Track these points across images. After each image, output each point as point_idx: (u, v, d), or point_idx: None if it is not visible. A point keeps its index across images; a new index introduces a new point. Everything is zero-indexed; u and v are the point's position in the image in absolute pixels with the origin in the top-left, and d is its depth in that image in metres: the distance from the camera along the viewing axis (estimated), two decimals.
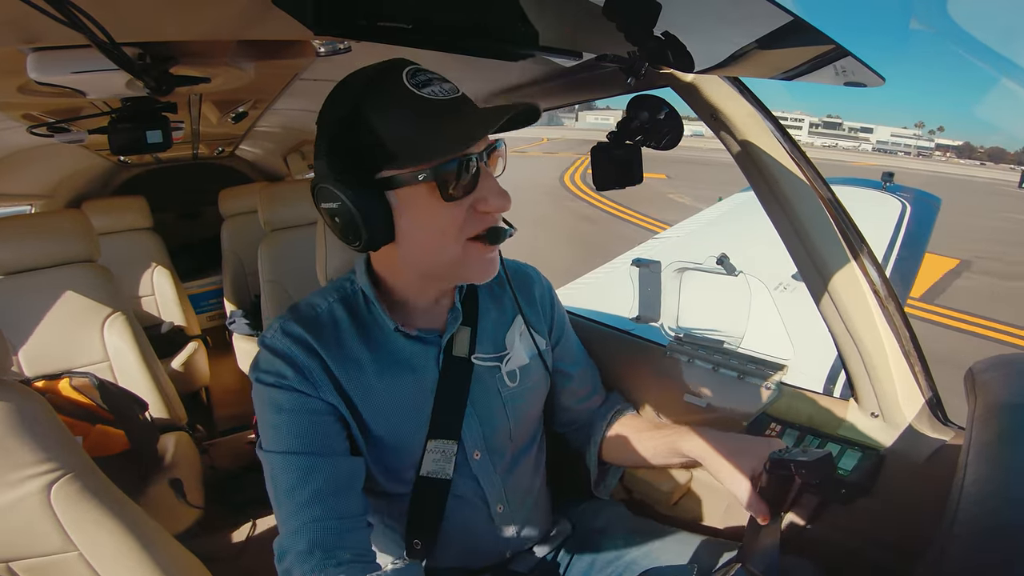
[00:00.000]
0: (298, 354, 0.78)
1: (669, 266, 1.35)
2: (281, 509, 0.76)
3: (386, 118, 0.68)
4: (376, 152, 0.68)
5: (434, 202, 0.69)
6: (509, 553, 0.96)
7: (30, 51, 0.76)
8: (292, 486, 0.75)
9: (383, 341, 0.83)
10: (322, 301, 0.85)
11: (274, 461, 0.77)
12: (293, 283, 2.11)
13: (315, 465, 0.76)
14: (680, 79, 0.88)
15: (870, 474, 0.91)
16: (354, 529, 0.76)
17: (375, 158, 0.69)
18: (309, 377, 0.78)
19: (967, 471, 0.55)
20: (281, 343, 0.79)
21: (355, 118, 0.69)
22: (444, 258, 0.73)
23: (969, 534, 0.46)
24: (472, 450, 0.88)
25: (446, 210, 0.70)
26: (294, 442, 0.76)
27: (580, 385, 1.05)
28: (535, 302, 0.99)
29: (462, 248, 0.72)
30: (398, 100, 0.68)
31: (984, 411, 0.64)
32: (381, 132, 0.68)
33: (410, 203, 0.70)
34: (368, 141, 0.69)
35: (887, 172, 4.49)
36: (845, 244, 0.89)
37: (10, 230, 1.85)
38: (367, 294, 0.83)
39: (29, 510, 0.91)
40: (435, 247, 0.73)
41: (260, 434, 0.80)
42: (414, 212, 0.70)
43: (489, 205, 0.71)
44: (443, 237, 0.71)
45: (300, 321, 0.81)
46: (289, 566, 0.73)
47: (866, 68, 0.59)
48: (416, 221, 0.71)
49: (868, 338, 0.91)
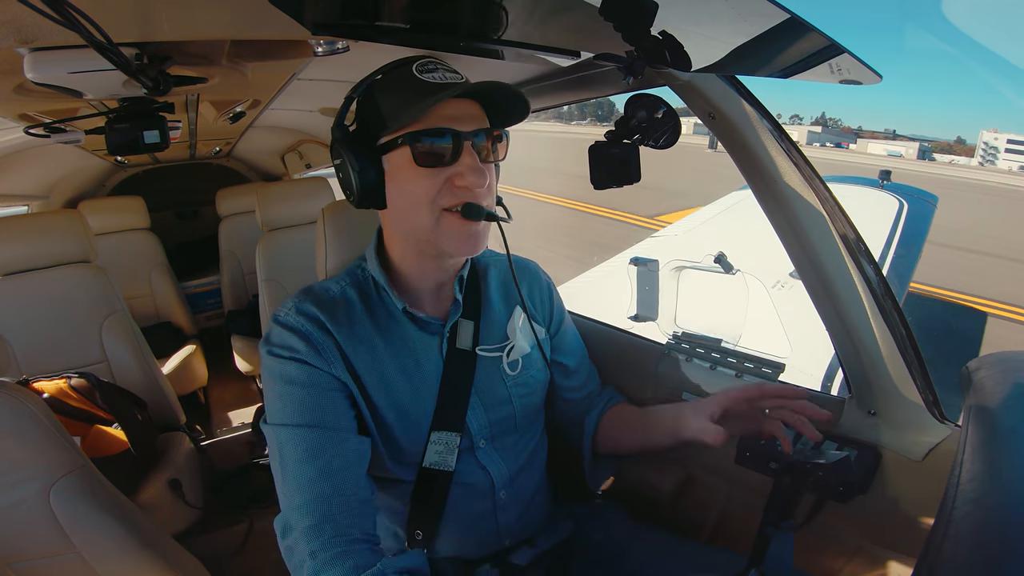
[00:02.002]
0: (311, 330, 0.81)
1: (667, 265, 1.36)
2: (287, 484, 0.75)
3: (387, 95, 0.78)
4: (376, 122, 0.79)
5: (411, 169, 0.76)
6: (508, 542, 0.96)
7: (27, 51, 0.76)
8: (300, 460, 0.75)
9: (392, 325, 0.87)
10: (335, 285, 0.89)
11: (281, 435, 0.77)
12: (291, 282, 2.11)
13: (324, 440, 0.76)
14: (678, 78, 0.88)
15: (867, 472, 0.91)
16: (361, 513, 0.75)
17: (375, 127, 0.79)
18: (322, 352, 0.80)
19: (962, 469, 0.55)
20: (295, 320, 0.82)
21: (366, 96, 0.81)
22: (420, 223, 0.79)
23: (964, 532, 0.46)
24: (478, 439, 0.91)
25: (421, 177, 0.76)
26: (304, 415, 0.77)
27: (577, 378, 1.07)
28: (535, 295, 1.02)
29: (436, 217, 0.78)
30: (402, 81, 0.78)
31: (979, 409, 0.65)
32: (382, 106, 0.78)
33: (394, 169, 0.78)
34: (371, 113, 0.80)
35: (884, 170, 4.49)
36: (842, 242, 0.89)
37: (7, 231, 1.84)
38: (377, 279, 0.88)
39: (28, 510, 0.91)
40: (412, 212, 0.79)
41: (267, 408, 0.81)
42: (396, 177, 0.78)
43: (464, 180, 0.76)
44: (417, 203, 0.77)
45: (314, 301, 0.85)
46: (294, 542, 0.73)
47: (863, 65, 0.59)
48: (397, 185, 0.79)
49: (865, 336, 0.91)
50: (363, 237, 1.10)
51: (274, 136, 2.90)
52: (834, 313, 0.92)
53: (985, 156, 71.56)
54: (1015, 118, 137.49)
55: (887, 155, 57.55)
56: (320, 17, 0.67)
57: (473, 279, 0.96)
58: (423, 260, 0.85)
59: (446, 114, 0.75)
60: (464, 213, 0.77)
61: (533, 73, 1.15)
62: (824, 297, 0.92)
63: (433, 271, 0.87)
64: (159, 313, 2.98)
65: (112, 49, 0.63)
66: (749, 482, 1.05)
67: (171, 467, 1.72)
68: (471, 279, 0.95)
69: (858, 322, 0.91)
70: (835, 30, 0.52)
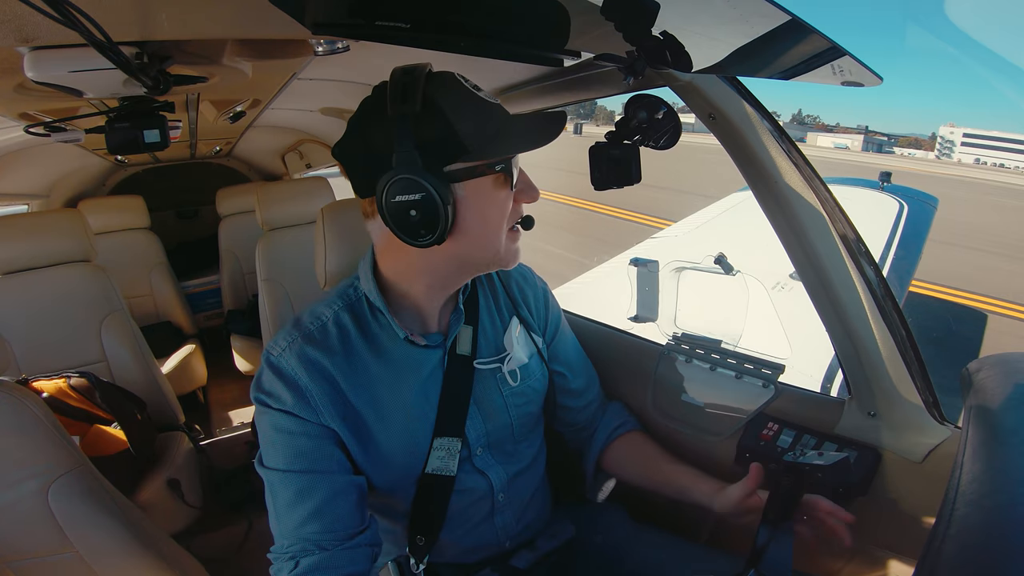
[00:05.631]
0: (301, 376, 0.78)
1: (667, 265, 1.35)
2: (279, 523, 0.77)
3: (459, 113, 0.70)
4: (450, 145, 0.70)
5: (499, 193, 0.75)
6: (508, 544, 0.96)
7: (27, 50, 0.76)
8: (290, 502, 0.76)
9: (390, 349, 0.84)
10: (327, 310, 0.85)
11: (273, 477, 0.78)
12: (290, 282, 2.11)
13: (313, 483, 0.77)
14: (678, 79, 0.88)
15: (867, 473, 0.91)
16: (346, 547, 0.76)
17: (449, 151, 0.70)
18: (311, 402, 0.78)
19: (962, 470, 0.55)
20: (286, 363, 0.79)
21: (429, 111, 0.69)
22: (495, 246, 0.78)
23: (964, 534, 0.46)
24: (476, 446, 0.90)
25: (504, 201, 0.76)
26: (293, 462, 0.77)
27: (575, 384, 1.06)
28: (530, 302, 1.01)
29: (506, 236, 0.79)
30: (466, 98, 0.72)
31: (979, 410, 0.65)
32: (457, 126, 0.70)
33: (474, 195, 0.73)
34: (443, 135, 0.70)
35: (884, 172, 4.49)
36: (842, 244, 0.89)
37: (7, 229, 1.84)
38: (373, 302, 0.84)
39: (27, 510, 0.91)
40: (492, 237, 0.77)
41: (261, 449, 0.81)
42: (480, 203, 0.74)
43: (528, 195, 0.78)
44: (499, 226, 0.77)
45: (306, 337, 0.81)
46: (276, 573, 0.76)
47: (864, 67, 0.59)
48: (480, 212, 0.74)
49: (865, 337, 0.91)
50: (362, 237, 1.10)
51: (274, 136, 2.90)
52: (834, 314, 0.92)
53: (941, 150, 72.49)
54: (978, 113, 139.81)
55: (834, 147, 63.67)
56: (320, 17, 0.67)
57: (471, 286, 0.95)
58: (433, 282, 0.83)
59: None
60: (524, 226, 0.81)
61: (533, 73, 1.15)
62: (824, 298, 0.92)
63: (440, 294, 0.86)
64: (159, 312, 2.98)
65: (112, 48, 0.63)
66: None
67: (170, 467, 1.72)
68: (472, 287, 0.94)
69: (858, 323, 0.91)
70: (835, 30, 0.52)
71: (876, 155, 54.95)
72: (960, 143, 71.47)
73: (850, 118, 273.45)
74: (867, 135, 76.87)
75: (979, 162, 65.72)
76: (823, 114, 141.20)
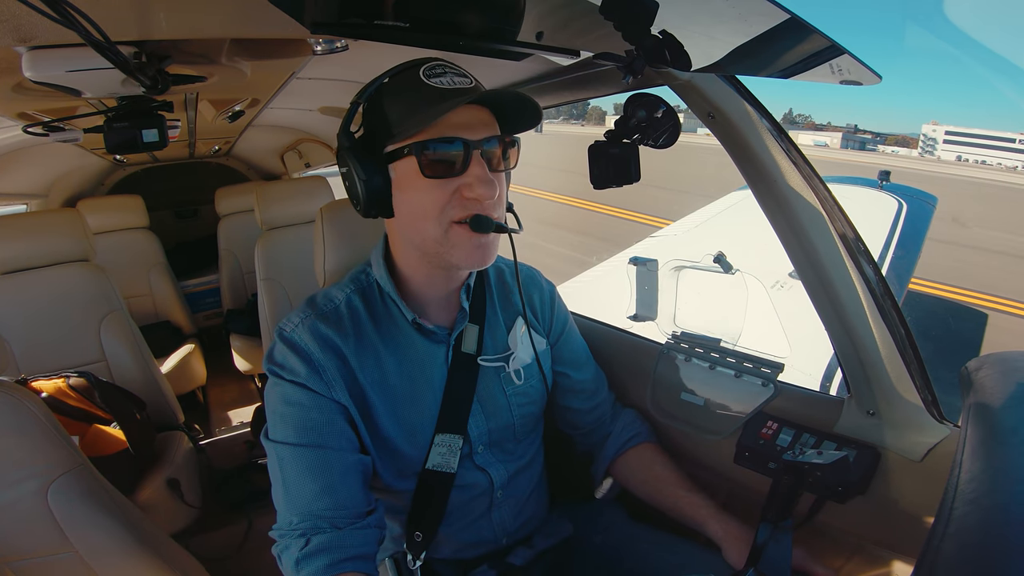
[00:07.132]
0: (314, 350, 0.80)
1: (666, 264, 1.35)
2: (287, 497, 0.77)
3: (394, 101, 0.75)
4: (382, 129, 0.76)
5: (418, 179, 0.74)
6: (506, 541, 0.96)
7: (25, 50, 0.76)
8: (300, 476, 0.76)
9: (398, 334, 0.86)
10: (339, 293, 0.87)
11: (282, 451, 0.78)
12: (290, 282, 2.11)
13: (325, 459, 0.77)
14: (677, 78, 0.88)
15: (866, 472, 0.91)
16: (357, 527, 0.77)
17: (382, 134, 0.76)
18: (323, 375, 0.79)
19: (961, 469, 0.55)
20: (299, 337, 0.81)
21: (373, 101, 0.77)
22: (428, 235, 0.77)
23: (963, 532, 0.46)
24: (478, 444, 0.91)
25: (429, 188, 0.74)
26: (304, 435, 0.77)
27: (581, 386, 1.06)
28: (536, 304, 1.01)
29: (444, 229, 0.76)
30: (409, 87, 0.74)
31: (978, 409, 0.65)
32: (388, 112, 0.75)
33: (401, 178, 0.76)
34: (378, 120, 0.76)
35: (883, 171, 4.49)
36: (842, 243, 0.89)
37: (5, 229, 1.84)
38: (383, 286, 0.86)
39: (26, 509, 0.91)
40: (420, 223, 0.77)
41: (268, 423, 0.81)
42: (403, 187, 0.76)
43: (472, 191, 0.74)
44: (425, 214, 0.75)
45: (319, 315, 0.83)
46: (283, 550, 0.76)
47: (863, 66, 0.59)
48: (404, 195, 0.76)
49: (865, 336, 0.91)
50: (362, 237, 1.10)
51: (273, 135, 2.90)
52: (833, 313, 0.92)
53: (924, 147, 72.91)
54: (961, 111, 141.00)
55: (814, 145, 65.16)
56: (319, 16, 0.67)
57: (479, 284, 0.96)
58: (431, 270, 0.84)
59: (455, 121, 0.72)
60: (473, 226, 0.75)
61: (532, 72, 1.15)
62: (823, 297, 0.92)
63: (442, 281, 0.86)
64: (158, 312, 2.98)
65: (110, 48, 0.62)
66: (748, 482, 1.05)
67: (170, 466, 1.72)
68: (477, 284, 0.95)
69: (857, 322, 0.91)
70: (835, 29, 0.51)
71: (856, 152, 55.44)
72: (943, 140, 71.64)
73: (842, 118, 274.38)
74: (846, 133, 77.50)
75: (960, 159, 65.93)
76: (815, 114, 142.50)
